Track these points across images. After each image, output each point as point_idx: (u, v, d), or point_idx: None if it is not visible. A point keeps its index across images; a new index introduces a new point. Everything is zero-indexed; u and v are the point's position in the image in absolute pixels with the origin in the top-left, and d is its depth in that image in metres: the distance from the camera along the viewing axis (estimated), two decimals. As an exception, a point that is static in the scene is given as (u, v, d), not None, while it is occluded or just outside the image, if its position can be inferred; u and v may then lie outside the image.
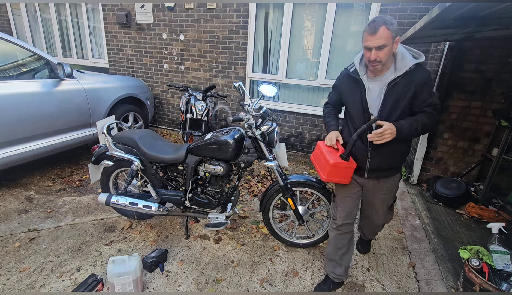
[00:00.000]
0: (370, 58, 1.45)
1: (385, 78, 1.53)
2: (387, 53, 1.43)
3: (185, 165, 2.18)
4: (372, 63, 1.47)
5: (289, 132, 4.62)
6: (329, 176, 1.61)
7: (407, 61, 1.48)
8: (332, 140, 1.68)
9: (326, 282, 1.92)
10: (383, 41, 1.39)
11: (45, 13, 5.76)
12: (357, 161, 1.68)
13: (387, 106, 1.54)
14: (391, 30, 1.38)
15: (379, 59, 1.44)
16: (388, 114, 1.55)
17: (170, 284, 1.92)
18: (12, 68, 2.91)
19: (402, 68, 1.48)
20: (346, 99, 1.72)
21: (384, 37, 1.38)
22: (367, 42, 1.43)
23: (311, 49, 4.21)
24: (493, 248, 2.04)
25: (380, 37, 1.38)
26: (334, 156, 1.60)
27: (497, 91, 3.08)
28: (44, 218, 2.56)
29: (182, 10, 4.59)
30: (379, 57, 1.43)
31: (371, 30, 1.40)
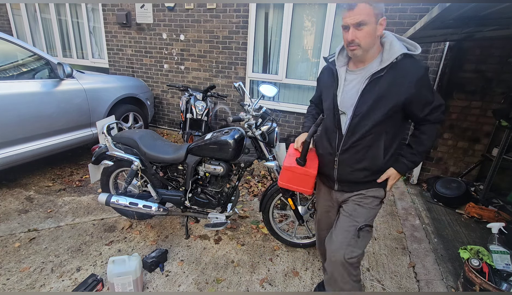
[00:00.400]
0: (348, 39, 1.22)
1: (367, 70, 1.28)
2: (368, 35, 1.20)
3: (185, 165, 2.18)
4: (350, 47, 1.24)
5: (289, 132, 4.62)
6: (282, 180, 1.44)
7: (394, 50, 1.22)
8: (297, 143, 1.50)
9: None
10: (362, 17, 1.16)
11: (45, 13, 5.76)
12: (323, 168, 1.45)
13: (365, 104, 1.27)
14: (373, 7, 1.16)
15: (357, 41, 1.21)
16: (366, 116, 1.28)
17: (170, 284, 1.92)
18: (12, 68, 2.90)
19: (388, 59, 1.23)
20: (322, 95, 1.49)
21: (365, 13, 1.16)
22: (344, 19, 1.21)
23: (311, 49, 4.21)
24: (493, 248, 2.04)
25: (359, 13, 1.16)
26: (291, 159, 1.43)
27: (497, 91, 3.08)
28: (44, 218, 2.56)
29: (182, 10, 4.59)
30: (358, 38, 1.20)
31: (349, 5, 1.18)
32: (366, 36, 1.20)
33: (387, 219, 2.85)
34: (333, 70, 1.38)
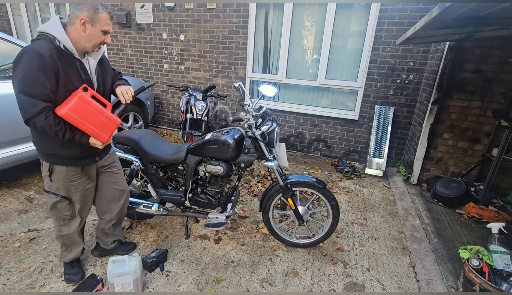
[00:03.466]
0: (108, 42, 1.52)
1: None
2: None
3: (185, 165, 2.18)
4: (101, 46, 1.53)
5: (289, 132, 4.62)
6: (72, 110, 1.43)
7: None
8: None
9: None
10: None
11: (45, 13, 5.76)
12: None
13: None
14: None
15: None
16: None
17: (170, 284, 1.91)
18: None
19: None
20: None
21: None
22: (109, 26, 1.48)
23: (311, 49, 4.21)
24: (493, 248, 2.04)
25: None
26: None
27: (497, 91, 3.08)
28: (44, 218, 2.56)
29: (182, 10, 4.59)
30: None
31: (111, 15, 1.48)
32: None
33: (387, 219, 2.85)
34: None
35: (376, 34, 3.77)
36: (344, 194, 3.32)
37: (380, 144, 3.94)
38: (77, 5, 1.38)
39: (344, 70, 4.13)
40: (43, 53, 1.31)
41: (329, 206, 2.13)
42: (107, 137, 1.50)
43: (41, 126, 1.37)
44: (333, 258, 2.23)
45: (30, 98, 1.32)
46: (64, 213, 1.73)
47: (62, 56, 1.38)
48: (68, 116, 1.38)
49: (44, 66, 1.32)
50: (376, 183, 3.70)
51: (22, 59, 1.33)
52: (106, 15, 1.45)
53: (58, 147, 1.53)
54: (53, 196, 1.65)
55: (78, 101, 1.39)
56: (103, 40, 1.49)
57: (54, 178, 1.61)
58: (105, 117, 1.48)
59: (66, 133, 1.42)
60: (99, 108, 1.47)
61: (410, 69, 3.77)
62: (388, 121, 3.91)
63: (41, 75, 1.32)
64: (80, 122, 1.41)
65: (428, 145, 3.42)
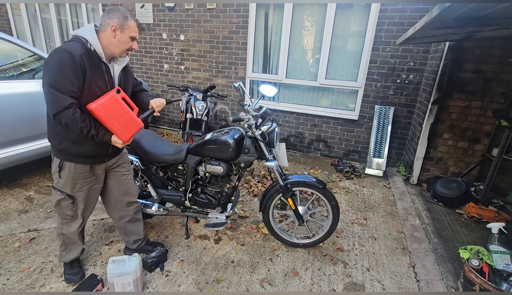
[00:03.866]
0: (135, 48, 1.61)
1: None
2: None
3: (185, 165, 2.18)
4: (128, 53, 1.63)
5: (289, 132, 4.62)
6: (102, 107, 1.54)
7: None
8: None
9: None
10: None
11: (45, 13, 5.76)
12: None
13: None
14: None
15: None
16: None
17: (170, 284, 1.91)
18: (12, 68, 2.91)
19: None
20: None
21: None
22: (136, 33, 1.58)
23: (311, 49, 4.21)
24: (493, 248, 2.04)
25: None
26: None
27: (497, 91, 3.08)
28: (44, 218, 2.56)
29: (182, 10, 4.59)
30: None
31: (138, 23, 1.59)
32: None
33: (387, 219, 2.85)
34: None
35: (376, 34, 3.77)
36: (344, 194, 3.32)
37: (380, 145, 3.94)
38: (108, 13, 1.50)
39: (344, 70, 4.13)
40: (74, 53, 1.40)
41: (329, 206, 2.13)
42: (128, 137, 1.58)
43: (68, 122, 1.44)
44: (333, 258, 2.23)
45: (59, 94, 1.39)
46: (66, 212, 1.75)
47: (91, 58, 1.47)
48: (98, 111, 1.46)
49: (74, 65, 1.40)
50: (376, 183, 3.70)
51: (54, 57, 1.41)
52: (134, 22, 1.56)
53: (71, 144, 1.58)
54: (59, 192, 1.69)
55: (110, 99, 1.51)
56: (130, 46, 1.59)
57: (63, 175, 1.65)
58: (130, 118, 1.58)
59: (91, 130, 1.49)
60: (127, 110, 1.57)
61: (410, 69, 3.77)
62: (388, 121, 3.91)
63: (70, 73, 1.40)
64: (107, 118, 1.49)
65: (428, 145, 3.42)
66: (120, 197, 1.93)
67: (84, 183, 1.71)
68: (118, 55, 1.59)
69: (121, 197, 1.94)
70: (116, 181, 1.89)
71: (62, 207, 1.73)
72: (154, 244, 2.18)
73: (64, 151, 1.60)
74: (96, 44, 1.49)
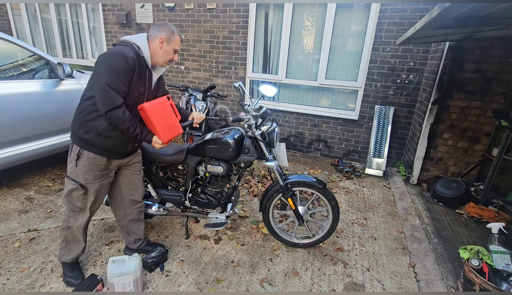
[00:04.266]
0: (175, 59, 1.79)
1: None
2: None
3: (185, 165, 2.18)
4: (169, 63, 1.78)
5: (289, 132, 4.62)
6: (152, 109, 1.69)
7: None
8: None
9: None
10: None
11: (45, 13, 5.76)
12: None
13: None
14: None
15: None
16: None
17: (170, 284, 1.92)
18: (12, 68, 2.90)
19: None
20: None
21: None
22: (179, 46, 1.77)
23: (311, 49, 4.21)
24: (493, 248, 2.04)
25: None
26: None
27: (497, 91, 3.08)
28: (44, 218, 2.56)
29: (182, 10, 4.59)
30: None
31: (181, 38, 1.78)
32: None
33: (387, 219, 2.85)
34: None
35: (376, 34, 3.77)
36: (344, 194, 3.32)
37: (380, 144, 3.95)
38: (158, 26, 1.69)
39: (344, 70, 4.13)
40: (128, 57, 1.52)
41: (329, 206, 2.13)
42: (168, 138, 1.69)
43: (116, 120, 1.54)
44: (333, 258, 2.23)
45: (113, 92, 1.50)
46: (76, 204, 1.76)
47: (139, 63, 1.61)
48: (149, 110, 1.60)
49: (126, 67, 1.52)
50: (376, 183, 3.70)
51: (110, 58, 1.52)
52: (179, 37, 1.75)
53: (96, 135, 1.65)
54: (72, 182, 1.71)
55: (161, 103, 1.69)
56: (172, 57, 1.76)
57: (80, 163, 1.69)
58: (173, 123, 1.73)
59: (136, 129, 1.61)
60: (172, 115, 1.74)
61: (410, 69, 3.77)
62: (388, 121, 3.91)
63: (123, 74, 1.52)
64: (155, 119, 1.62)
65: (428, 145, 3.42)
66: (127, 195, 1.97)
67: (98, 175, 1.75)
68: (161, 64, 1.75)
69: (128, 195, 1.97)
70: (126, 178, 1.93)
71: (73, 197, 1.74)
72: (154, 245, 2.19)
73: (87, 141, 1.66)
74: (146, 52, 1.64)
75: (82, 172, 1.70)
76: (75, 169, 1.70)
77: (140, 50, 1.63)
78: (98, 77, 1.50)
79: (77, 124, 1.67)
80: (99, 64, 1.53)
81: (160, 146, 1.70)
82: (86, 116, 1.63)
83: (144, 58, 1.65)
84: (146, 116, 1.62)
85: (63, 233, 1.84)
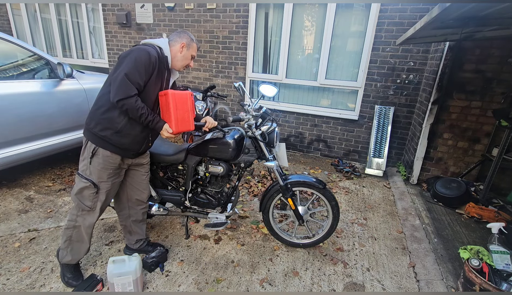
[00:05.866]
0: (191, 65, 1.91)
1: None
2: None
3: (185, 165, 2.18)
4: (185, 68, 1.90)
5: (289, 132, 4.62)
6: (175, 96, 1.74)
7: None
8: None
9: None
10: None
11: (45, 13, 5.76)
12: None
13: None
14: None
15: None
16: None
17: (170, 284, 1.92)
18: (12, 68, 2.90)
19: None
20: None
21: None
22: (195, 53, 1.87)
23: (311, 49, 4.21)
24: (493, 248, 2.04)
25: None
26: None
27: (497, 91, 3.08)
28: (44, 218, 2.56)
29: (182, 10, 4.59)
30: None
31: (198, 46, 1.89)
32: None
33: (387, 219, 2.85)
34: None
35: (376, 34, 3.77)
36: (344, 194, 3.32)
37: (380, 144, 3.94)
38: (179, 33, 1.80)
39: (344, 70, 4.13)
40: (151, 55, 1.61)
41: (329, 206, 2.13)
42: (179, 129, 1.73)
43: (129, 108, 1.58)
44: (333, 258, 2.23)
45: (130, 83, 1.56)
46: (86, 203, 1.75)
47: (160, 63, 1.68)
48: (172, 97, 1.67)
49: (147, 64, 1.60)
50: (376, 183, 3.70)
51: (134, 53, 1.59)
52: (196, 45, 1.87)
53: (113, 133, 1.67)
54: (84, 180, 1.71)
55: (184, 95, 1.75)
56: (189, 63, 1.87)
57: (94, 161, 1.70)
58: (188, 118, 1.77)
59: (148, 116, 1.64)
60: (189, 110, 1.78)
61: (410, 69, 3.77)
62: (388, 121, 3.91)
63: (143, 69, 1.59)
64: (174, 106, 1.68)
65: (428, 145, 3.42)
66: (134, 195, 1.98)
67: (111, 174, 1.76)
68: (178, 68, 1.84)
69: (134, 196, 1.98)
70: (134, 179, 1.95)
71: (84, 196, 1.73)
72: (154, 245, 2.19)
73: (104, 138, 1.67)
74: (168, 53, 1.75)
75: (96, 170, 1.70)
76: (88, 167, 1.70)
77: (163, 51, 1.72)
78: (118, 69, 1.57)
79: (93, 121, 1.68)
80: (123, 58, 1.59)
81: (167, 135, 1.72)
82: (104, 113, 1.66)
83: (167, 59, 1.74)
84: (166, 102, 1.68)
85: (68, 232, 1.81)
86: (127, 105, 1.57)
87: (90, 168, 1.70)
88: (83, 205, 1.75)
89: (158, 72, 1.68)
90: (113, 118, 1.65)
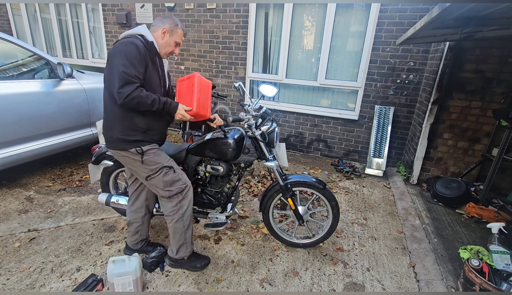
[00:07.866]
0: (176, 53, 1.80)
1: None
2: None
3: (185, 165, 2.18)
4: (169, 56, 1.84)
5: (289, 132, 4.62)
6: (200, 80, 1.77)
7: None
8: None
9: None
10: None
11: (45, 13, 5.76)
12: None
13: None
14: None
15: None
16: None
17: (170, 284, 1.92)
18: (12, 68, 2.91)
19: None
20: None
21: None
22: (181, 40, 1.77)
23: (311, 49, 4.21)
24: (493, 248, 2.04)
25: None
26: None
27: (497, 91, 3.08)
28: (44, 218, 2.56)
29: (182, 10, 4.59)
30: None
31: (185, 32, 1.79)
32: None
33: (387, 219, 2.85)
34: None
35: (376, 34, 3.77)
36: (344, 194, 3.32)
37: (380, 144, 3.95)
38: (162, 18, 1.70)
39: (344, 70, 4.13)
40: (138, 45, 1.56)
41: (329, 206, 2.13)
42: (197, 110, 1.71)
43: (139, 100, 1.55)
44: (333, 258, 2.23)
45: (128, 77, 1.52)
46: (177, 184, 1.81)
47: (150, 51, 1.64)
48: (198, 78, 1.70)
49: (138, 55, 1.55)
50: (376, 183, 3.70)
51: (120, 48, 1.55)
52: (182, 31, 1.76)
53: (141, 133, 1.70)
54: (158, 173, 1.75)
55: (207, 83, 1.80)
56: (173, 50, 1.77)
57: (147, 157, 1.73)
58: (207, 104, 1.80)
59: (160, 100, 1.62)
60: (209, 98, 1.82)
61: (410, 69, 3.77)
62: (388, 121, 3.91)
63: (136, 61, 1.56)
64: (197, 89, 1.69)
65: (428, 145, 3.42)
66: (153, 193, 2.01)
67: (165, 155, 1.83)
68: (161, 55, 1.75)
69: (154, 193, 2.01)
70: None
71: (170, 181, 1.78)
72: (154, 245, 2.19)
73: (137, 141, 1.70)
74: (153, 39, 1.67)
75: (155, 159, 1.74)
76: (147, 164, 1.73)
77: (146, 38, 1.65)
78: (112, 70, 1.54)
79: (117, 129, 1.67)
80: (112, 56, 1.56)
81: (183, 115, 1.68)
82: (124, 119, 1.65)
83: (153, 44, 1.67)
84: (189, 84, 1.69)
85: (179, 225, 1.85)
86: (136, 99, 1.54)
87: (149, 163, 1.73)
88: (177, 188, 1.80)
89: (152, 61, 1.65)
90: (133, 120, 1.65)
